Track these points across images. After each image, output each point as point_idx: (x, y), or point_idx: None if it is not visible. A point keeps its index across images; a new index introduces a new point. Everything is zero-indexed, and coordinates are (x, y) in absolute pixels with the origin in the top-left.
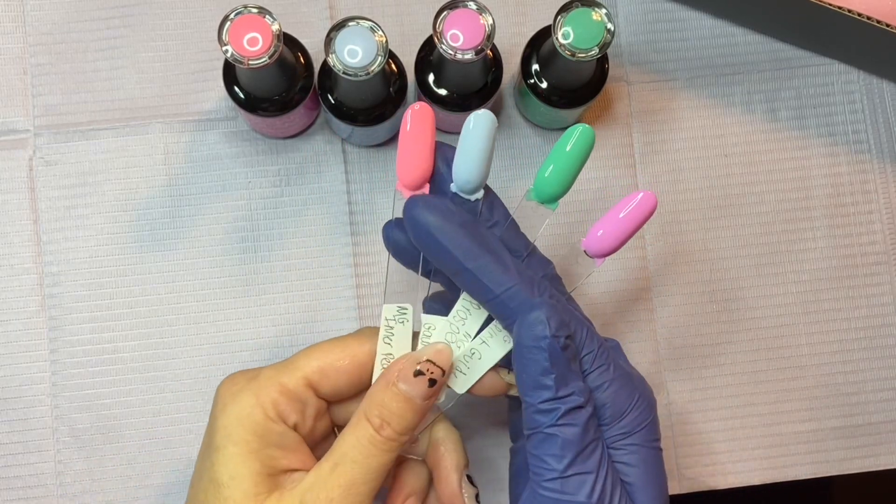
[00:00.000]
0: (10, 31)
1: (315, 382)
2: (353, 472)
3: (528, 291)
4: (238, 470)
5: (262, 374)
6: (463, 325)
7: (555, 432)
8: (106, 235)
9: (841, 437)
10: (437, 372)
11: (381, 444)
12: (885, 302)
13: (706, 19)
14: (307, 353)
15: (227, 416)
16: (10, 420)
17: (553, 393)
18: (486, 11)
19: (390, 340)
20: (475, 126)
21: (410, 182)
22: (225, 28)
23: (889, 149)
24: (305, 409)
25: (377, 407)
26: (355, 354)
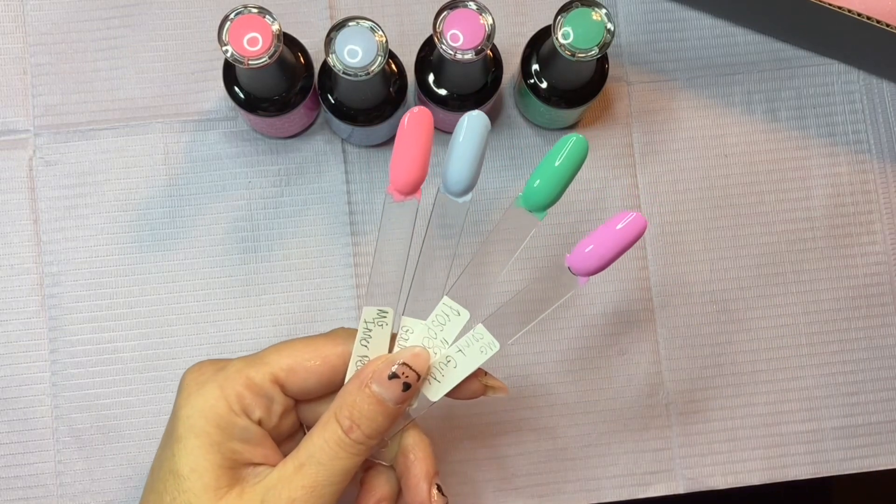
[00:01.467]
0: (10, 31)
1: (283, 380)
2: (318, 474)
3: None
4: (199, 462)
5: (229, 365)
6: (441, 330)
7: None
8: (106, 235)
9: (841, 437)
10: (413, 376)
11: (349, 446)
12: (885, 302)
13: (706, 19)
14: (278, 350)
15: (191, 406)
16: (10, 420)
17: None
18: (486, 11)
19: (367, 343)
20: (468, 128)
21: (403, 186)
22: (225, 28)
23: (889, 149)
24: (271, 406)
25: (348, 408)
26: (327, 356)
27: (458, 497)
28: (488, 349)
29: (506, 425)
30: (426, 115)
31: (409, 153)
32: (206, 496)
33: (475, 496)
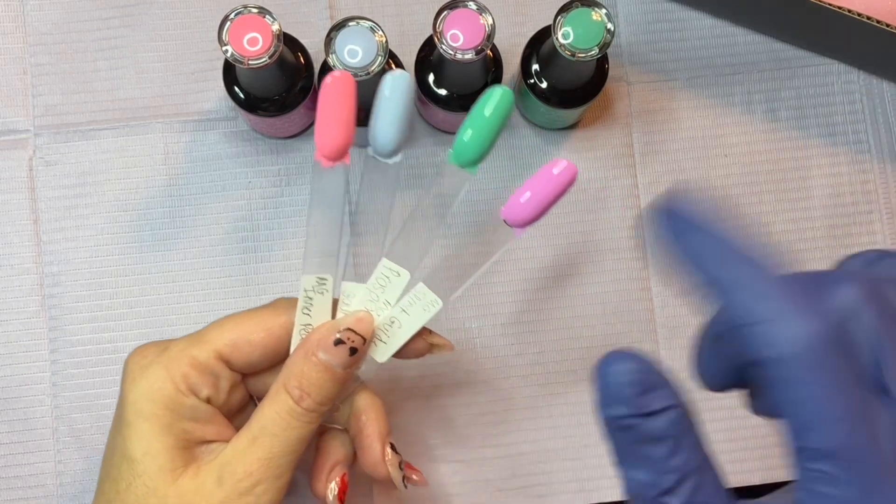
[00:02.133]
0: (10, 31)
1: (227, 355)
2: (273, 445)
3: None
4: (151, 445)
5: (172, 346)
6: (383, 292)
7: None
8: (106, 235)
9: None
10: (358, 340)
11: (301, 415)
12: None
13: (706, 19)
14: (219, 326)
15: (137, 390)
16: (10, 420)
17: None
18: (486, 11)
19: (309, 311)
20: (391, 87)
21: (330, 151)
22: (225, 28)
23: (889, 149)
24: (218, 382)
25: (296, 378)
26: (270, 327)
27: (459, 497)
28: (431, 307)
29: (507, 425)
30: (348, 79)
31: (332, 118)
32: (161, 478)
33: (475, 496)
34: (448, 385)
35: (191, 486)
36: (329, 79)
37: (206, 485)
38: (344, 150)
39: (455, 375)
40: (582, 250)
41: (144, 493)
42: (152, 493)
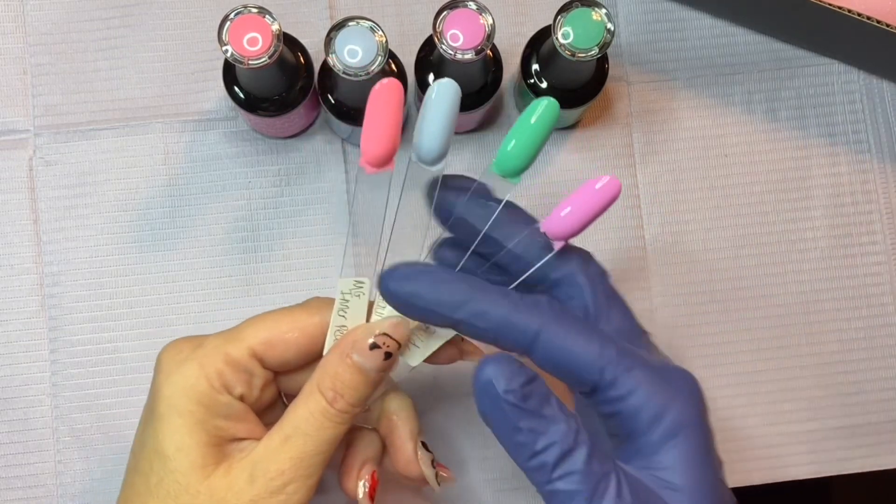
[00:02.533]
0: (10, 31)
1: (261, 354)
2: (306, 445)
3: (526, 316)
4: (184, 441)
5: (207, 342)
6: None
7: (553, 489)
8: (106, 235)
9: (841, 437)
10: (393, 345)
11: (333, 416)
12: (885, 302)
13: (706, 19)
14: (254, 324)
15: (172, 385)
16: (10, 420)
17: (531, 449)
18: (486, 11)
19: (345, 313)
20: (438, 95)
21: (375, 158)
22: (225, 28)
23: (889, 149)
24: (252, 380)
25: (330, 379)
26: (304, 327)
27: (459, 497)
28: None
29: None
30: (396, 86)
31: (379, 125)
32: (193, 475)
33: (475, 496)
34: (448, 385)
35: (222, 483)
36: (378, 86)
37: (237, 482)
38: (389, 158)
39: (455, 375)
40: None
41: (176, 489)
42: (184, 490)
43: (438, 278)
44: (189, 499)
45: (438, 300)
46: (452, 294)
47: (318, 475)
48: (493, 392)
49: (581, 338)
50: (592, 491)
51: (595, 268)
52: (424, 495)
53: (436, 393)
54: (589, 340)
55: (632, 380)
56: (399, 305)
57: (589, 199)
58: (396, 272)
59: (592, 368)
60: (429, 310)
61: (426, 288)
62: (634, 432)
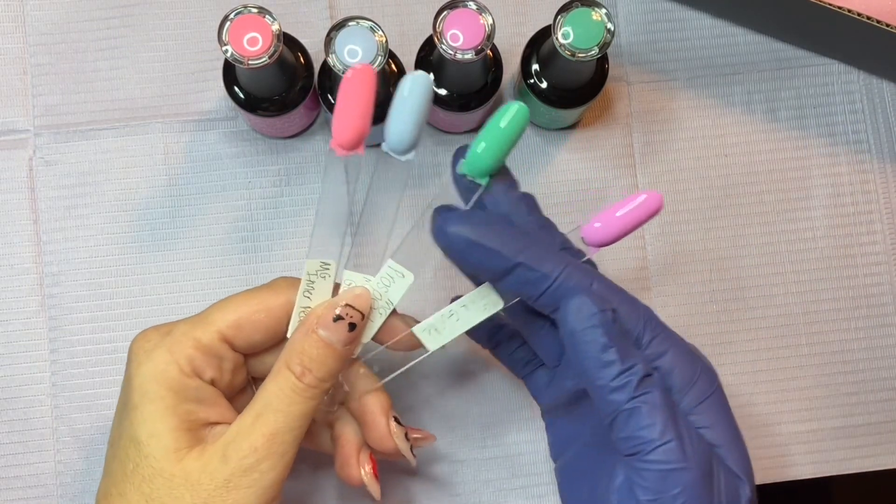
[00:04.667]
0: (10, 31)
1: (230, 337)
2: (277, 421)
3: (579, 272)
4: (157, 427)
5: (175, 329)
6: (386, 291)
7: (636, 404)
8: (106, 235)
9: (841, 437)
10: (357, 316)
11: (303, 391)
12: (885, 302)
13: (706, 19)
14: (221, 307)
15: (142, 374)
16: (10, 420)
17: (620, 366)
18: (486, 11)
19: (310, 294)
20: (412, 87)
21: (346, 141)
22: (225, 28)
23: (889, 149)
24: (222, 364)
25: (298, 355)
26: (270, 308)
27: (459, 497)
28: (492, 307)
29: (507, 425)
30: (369, 71)
31: (351, 109)
32: (166, 459)
33: (475, 496)
34: (448, 385)
35: (196, 465)
36: (350, 71)
37: (211, 463)
38: (360, 141)
39: (455, 375)
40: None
41: (151, 473)
42: (158, 474)
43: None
44: (163, 482)
45: (502, 241)
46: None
47: (291, 453)
48: (591, 310)
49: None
50: (670, 412)
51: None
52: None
53: (435, 393)
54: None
55: (667, 343)
56: (458, 249)
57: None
58: (453, 214)
59: (637, 324)
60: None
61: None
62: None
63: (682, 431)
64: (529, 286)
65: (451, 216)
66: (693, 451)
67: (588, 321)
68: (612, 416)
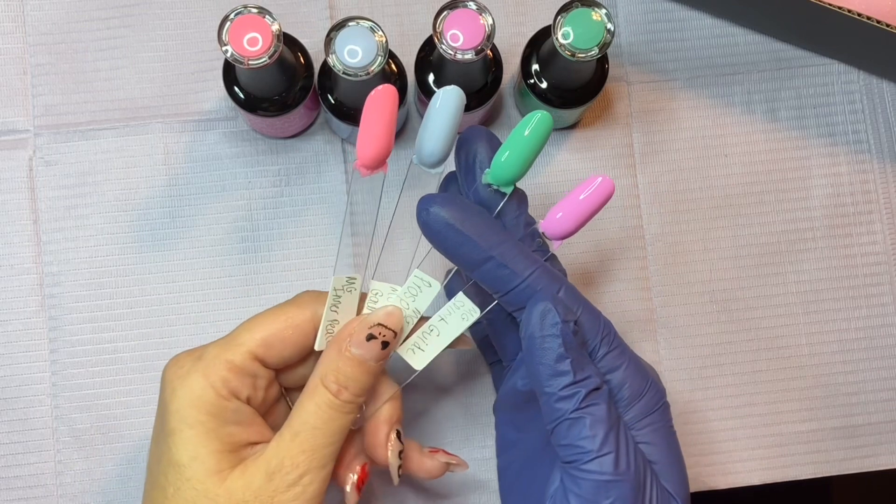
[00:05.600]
0: (10, 31)
1: (261, 355)
2: (316, 438)
3: (549, 276)
4: (198, 450)
5: (207, 353)
6: (413, 301)
7: (581, 415)
8: (106, 235)
9: (841, 437)
10: (389, 334)
11: (340, 407)
12: (885, 302)
13: (706, 19)
14: (249, 327)
15: (179, 399)
16: (10, 420)
17: (572, 377)
18: (486, 11)
19: (337, 308)
20: (443, 103)
21: (370, 160)
22: (225, 28)
23: (889, 149)
24: (256, 382)
25: (333, 373)
26: (298, 324)
27: (459, 497)
28: (469, 316)
29: None
30: (391, 91)
31: (374, 130)
32: (210, 480)
33: (475, 496)
34: (448, 385)
35: (239, 484)
36: (374, 92)
37: (255, 481)
38: (383, 161)
39: (455, 375)
40: (582, 250)
41: (194, 496)
42: (202, 496)
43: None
44: (207, 503)
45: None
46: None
47: (330, 466)
48: (553, 319)
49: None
50: (613, 425)
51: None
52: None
53: (435, 394)
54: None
55: (622, 357)
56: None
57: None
58: (438, 196)
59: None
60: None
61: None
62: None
63: (620, 445)
64: (498, 281)
65: (435, 197)
66: (628, 465)
67: (549, 329)
68: (556, 423)
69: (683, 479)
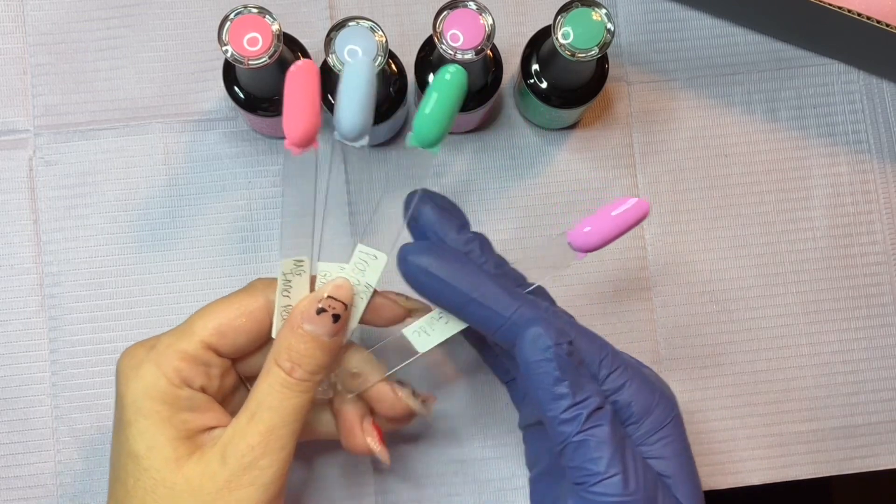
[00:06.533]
0: (10, 31)
1: (214, 344)
2: (271, 418)
3: (533, 310)
4: (154, 440)
5: (159, 343)
6: (363, 275)
7: (584, 437)
8: (106, 235)
9: (841, 437)
10: (339, 306)
11: (294, 386)
12: (885, 302)
13: (706, 19)
14: (202, 315)
15: (133, 390)
16: (10, 420)
17: (571, 399)
18: (486, 11)
19: (289, 293)
20: (350, 73)
21: (298, 139)
22: (225, 28)
23: (889, 149)
24: (209, 371)
25: (286, 351)
26: (250, 311)
27: (459, 496)
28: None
29: (507, 424)
30: (310, 67)
31: (298, 107)
32: (167, 468)
33: (475, 496)
34: (448, 385)
35: (196, 470)
36: (293, 68)
37: (210, 466)
38: (312, 137)
39: (455, 375)
40: None
41: (152, 485)
42: (160, 484)
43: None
44: (166, 491)
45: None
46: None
47: (289, 448)
48: (545, 343)
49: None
50: (618, 445)
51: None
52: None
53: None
54: (590, 336)
55: (625, 375)
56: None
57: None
58: (416, 245)
59: (593, 362)
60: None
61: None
62: (626, 421)
63: (628, 465)
64: (484, 322)
65: (413, 247)
66: (637, 485)
67: (542, 353)
68: (562, 445)
69: (697, 492)
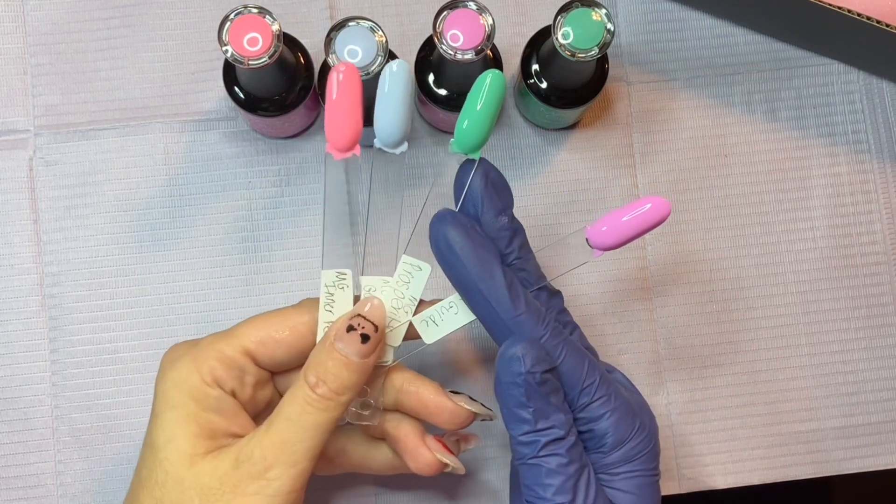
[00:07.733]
0: (10, 31)
1: (254, 352)
2: (288, 430)
3: (531, 322)
4: (174, 432)
5: (202, 341)
6: (407, 288)
7: (538, 463)
8: (106, 235)
9: (841, 437)
10: (369, 327)
11: (315, 401)
12: (885, 302)
13: (706, 19)
14: (249, 324)
15: (166, 381)
16: (10, 420)
17: (532, 426)
18: (486, 11)
19: (331, 307)
20: (391, 78)
21: (340, 144)
22: (225, 28)
23: (889, 149)
24: (244, 377)
25: (314, 366)
26: (295, 325)
27: (459, 497)
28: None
29: None
30: (353, 71)
31: (341, 110)
32: (181, 463)
33: (475, 496)
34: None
35: (208, 468)
36: (335, 72)
37: (222, 467)
38: (355, 141)
39: (456, 375)
40: None
41: (163, 478)
42: (171, 478)
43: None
44: (174, 485)
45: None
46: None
47: (303, 465)
48: (518, 368)
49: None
50: (572, 474)
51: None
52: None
53: None
54: (580, 360)
55: (607, 405)
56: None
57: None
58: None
59: (575, 387)
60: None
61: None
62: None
63: (578, 494)
64: (483, 315)
65: (448, 214)
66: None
67: (513, 377)
68: (519, 462)
69: None
